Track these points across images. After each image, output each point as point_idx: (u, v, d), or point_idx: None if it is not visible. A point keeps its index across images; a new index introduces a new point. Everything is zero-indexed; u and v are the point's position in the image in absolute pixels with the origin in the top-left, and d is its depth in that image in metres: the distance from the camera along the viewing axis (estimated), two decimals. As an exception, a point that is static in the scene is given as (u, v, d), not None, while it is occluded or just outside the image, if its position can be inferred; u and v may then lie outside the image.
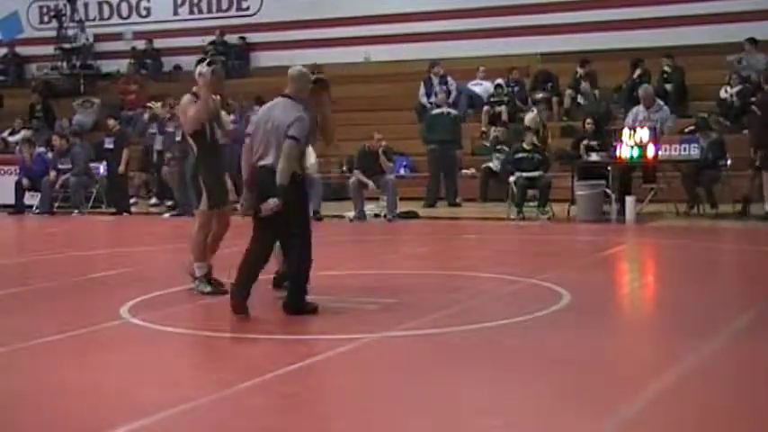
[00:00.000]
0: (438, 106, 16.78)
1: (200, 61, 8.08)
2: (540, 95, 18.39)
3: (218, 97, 8.17)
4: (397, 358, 5.72)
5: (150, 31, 24.14)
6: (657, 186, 14.41)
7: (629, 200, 13.53)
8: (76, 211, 17.21)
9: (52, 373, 5.41)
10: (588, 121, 15.05)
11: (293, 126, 6.67)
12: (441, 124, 16.43)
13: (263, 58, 23.24)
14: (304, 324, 6.72)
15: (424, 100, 18.46)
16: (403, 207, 14.99)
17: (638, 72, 17.40)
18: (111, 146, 17.31)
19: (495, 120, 18.22)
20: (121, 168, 17.16)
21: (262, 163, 6.77)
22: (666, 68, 17.68)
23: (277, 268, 7.66)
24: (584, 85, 18.18)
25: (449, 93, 18.81)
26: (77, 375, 5.38)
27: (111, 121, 17.79)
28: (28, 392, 5.06)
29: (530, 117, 16.22)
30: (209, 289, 7.71)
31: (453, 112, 16.85)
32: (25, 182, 17.58)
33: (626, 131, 13.94)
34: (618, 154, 13.88)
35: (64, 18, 24.31)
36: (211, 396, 4.81)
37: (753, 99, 14.85)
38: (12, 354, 5.88)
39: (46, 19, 25.14)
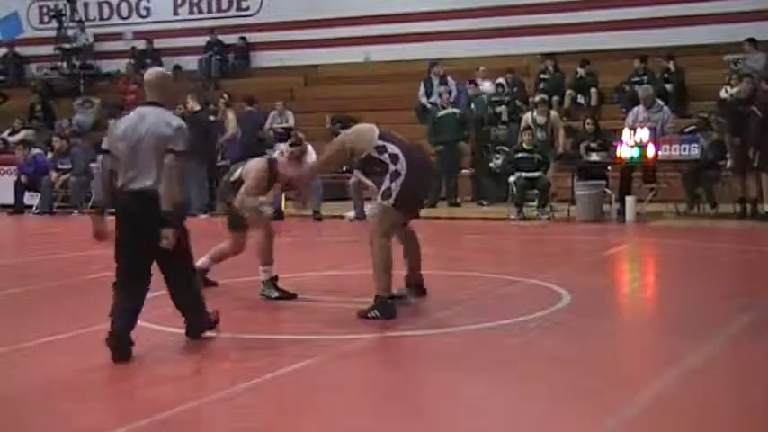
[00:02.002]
0: (443, 107, 16.77)
1: (286, 138, 8.21)
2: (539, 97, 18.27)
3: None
4: (397, 358, 5.72)
5: (150, 31, 24.14)
6: (657, 186, 14.41)
7: (629, 200, 13.53)
8: (76, 211, 17.22)
9: (52, 374, 5.41)
10: (588, 121, 15.05)
11: (177, 139, 5.66)
12: (446, 125, 16.43)
13: (263, 58, 23.25)
14: (304, 324, 6.72)
15: (423, 100, 18.45)
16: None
17: (635, 65, 17.47)
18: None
19: (495, 120, 18.21)
20: None
21: (136, 187, 5.67)
22: (667, 68, 17.68)
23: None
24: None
25: (449, 92, 18.81)
26: (77, 375, 5.37)
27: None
28: (28, 393, 5.06)
29: (554, 116, 16.11)
30: (276, 294, 7.59)
31: (458, 111, 16.85)
32: (23, 179, 17.60)
33: (626, 131, 13.94)
34: (618, 154, 13.89)
35: (64, 18, 24.32)
36: (211, 396, 4.81)
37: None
38: (12, 354, 5.87)
39: (46, 19, 25.15)
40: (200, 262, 7.91)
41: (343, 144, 7.18)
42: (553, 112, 16.05)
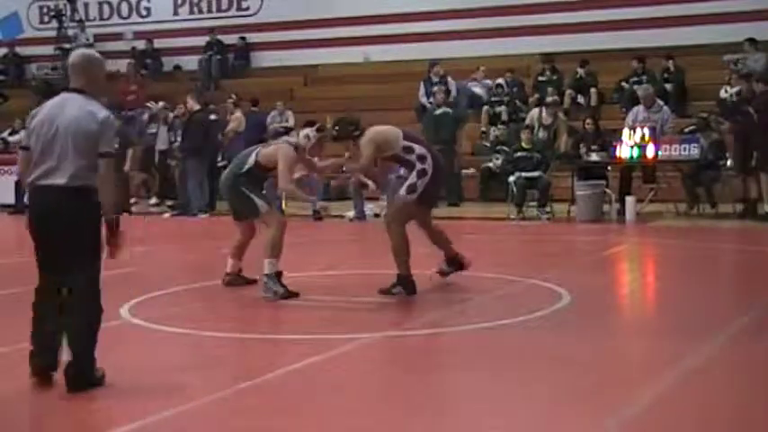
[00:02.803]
0: (438, 107, 16.76)
1: (309, 123, 8.23)
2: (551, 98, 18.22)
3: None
4: (397, 358, 5.72)
5: (150, 31, 24.14)
6: (657, 186, 14.41)
7: (629, 200, 13.53)
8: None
9: (52, 374, 5.40)
10: (588, 121, 15.05)
11: (104, 136, 5.04)
12: (442, 124, 16.42)
13: (263, 58, 23.25)
14: (304, 324, 6.72)
15: (423, 100, 18.44)
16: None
17: (635, 65, 17.49)
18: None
19: (495, 120, 18.22)
20: (126, 168, 17.18)
21: (47, 182, 5.01)
22: (666, 68, 17.68)
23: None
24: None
25: (448, 92, 18.81)
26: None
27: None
28: (28, 393, 5.06)
29: (562, 118, 16.10)
30: (281, 290, 7.52)
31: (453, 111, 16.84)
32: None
33: (626, 131, 13.94)
34: (618, 154, 13.89)
35: (64, 18, 24.31)
36: (211, 396, 4.81)
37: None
38: (12, 354, 5.87)
39: (46, 19, 25.14)
40: (228, 268, 7.96)
41: (375, 143, 7.64)
42: (561, 115, 16.03)
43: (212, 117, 16.72)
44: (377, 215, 14.84)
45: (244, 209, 7.92)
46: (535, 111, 16.11)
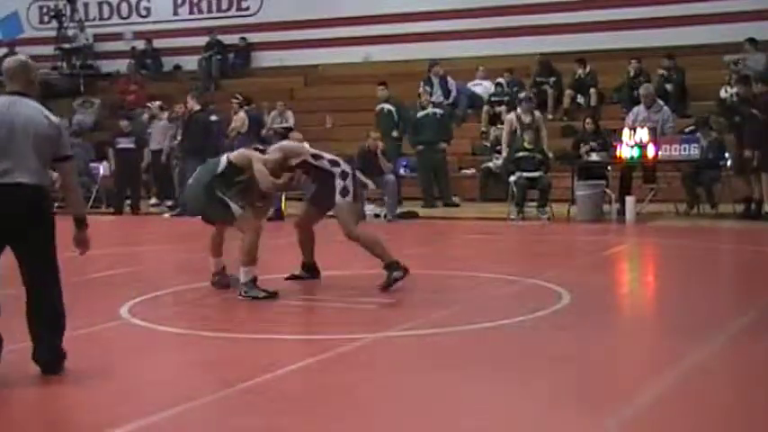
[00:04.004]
0: (422, 107, 16.72)
1: (286, 137, 8.47)
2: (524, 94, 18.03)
3: None
4: (397, 358, 5.72)
5: (150, 31, 24.14)
6: (657, 186, 14.42)
7: (629, 200, 13.53)
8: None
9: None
10: (588, 121, 15.05)
11: (63, 139, 5.36)
12: (426, 125, 16.39)
13: (263, 58, 23.25)
14: (304, 324, 6.73)
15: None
16: (403, 207, 14.99)
17: (634, 65, 17.49)
18: (130, 145, 17.19)
19: (495, 120, 18.22)
20: (144, 165, 17.22)
21: (7, 180, 5.14)
22: (666, 68, 17.68)
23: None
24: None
25: (448, 92, 18.82)
26: (77, 375, 5.37)
27: (125, 122, 17.71)
28: (28, 393, 5.06)
29: (539, 116, 16.06)
30: (262, 294, 7.48)
31: (440, 111, 16.80)
32: None
33: (626, 131, 13.95)
34: (618, 154, 13.89)
35: (64, 18, 24.31)
36: (211, 396, 4.81)
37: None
38: (12, 354, 5.87)
39: (46, 19, 25.14)
40: (213, 268, 7.91)
41: (282, 150, 7.94)
42: (537, 113, 16.01)
43: (214, 117, 16.73)
44: (377, 215, 14.86)
45: (218, 214, 7.75)
46: (511, 114, 15.98)
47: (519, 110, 15.63)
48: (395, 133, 16.48)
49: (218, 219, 7.81)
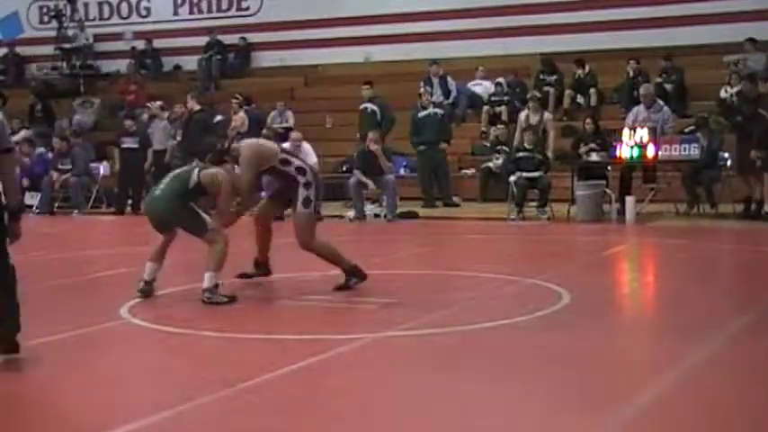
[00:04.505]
0: (423, 108, 16.72)
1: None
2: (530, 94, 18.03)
3: None
4: (397, 358, 5.72)
5: (150, 31, 24.14)
6: (657, 186, 14.42)
7: (629, 200, 13.53)
8: (76, 211, 17.22)
9: (52, 373, 5.41)
10: (588, 121, 15.06)
11: (4, 134, 5.54)
12: (427, 125, 16.39)
13: (263, 58, 23.25)
14: (304, 324, 6.73)
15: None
16: (403, 207, 15.00)
17: (634, 65, 17.49)
18: (135, 145, 17.20)
19: (495, 120, 18.23)
20: (147, 165, 17.20)
21: None
22: (664, 69, 17.69)
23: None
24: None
25: (448, 92, 18.82)
26: (77, 375, 5.37)
27: (129, 122, 17.72)
28: (28, 392, 5.06)
29: (548, 117, 16.07)
30: (225, 299, 7.45)
31: (440, 111, 16.80)
32: (25, 182, 17.55)
33: (626, 131, 13.95)
34: (618, 154, 13.89)
35: (64, 18, 24.31)
36: (211, 396, 4.81)
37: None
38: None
39: (46, 19, 25.14)
40: (147, 276, 7.78)
41: (253, 158, 7.80)
42: (547, 113, 16.01)
43: (219, 117, 16.75)
44: (377, 215, 14.87)
45: (188, 225, 7.64)
46: (523, 114, 16.08)
47: (529, 111, 15.69)
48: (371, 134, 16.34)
49: (190, 230, 7.68)
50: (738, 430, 4.36)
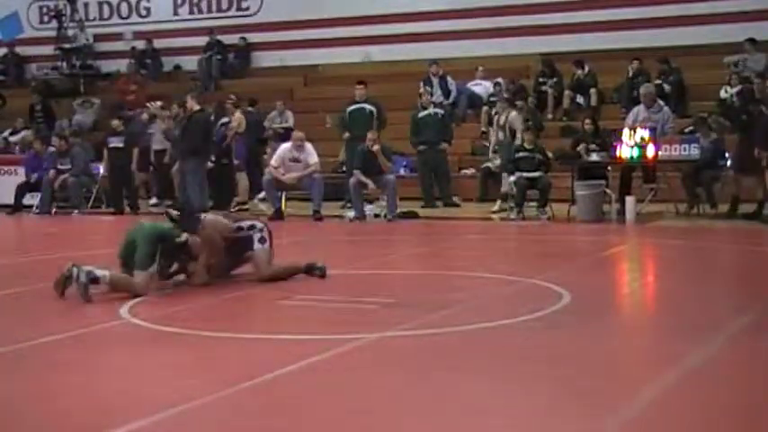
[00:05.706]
0: (423, 108, 16.71)
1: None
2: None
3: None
4: (397, 358, 5.71)
5: (150, 31, 24.16)
6: (657, 186, 14.42)
7: (629, 200, 13.53)
8: (76, 211, 17.22)
9: (52, 373, 5.41)
10: (587, 121, 15.06)
11: None
12: (428, 125, 16.39)
13: (263, 58, 23.26)
14: (304, 324, 6.72)
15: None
16: (403, 207, 15.00)
17: (635, 65, 17.49)
18: (120, 144, 17.27)
19: (494, 120, 18.20)
20: (133, 166, 17.28)
21: None
22: (666, 68, 17.69)
23: None
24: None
25: (448, 92, 18.83)
26: (77, 375, 5.37)
27: (116, 122, 17.78)
28: (28, 392, 5.06)
29: (513, 116, 15.96)
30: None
31: (440, 112, 16.81)
32: (34, 176, 17.64)
33: (626, 131, 13.95)
34: (618, 154, 13.89)
35: (64, 18, 24.34)
36: (211, 396, 4.81)
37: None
38: (12, 354, 5.87)
39: (46, 19, 25.17)
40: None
41: (216, 230, 8.09)
42: (513, 113, 15.91)
43: (224, 119, 16.76)
44: (377, 215, 14.87)
45: (140, 259, 7.63)
46: (513, 113, 15.95)
47: (494, 109, 15.71)
48: (347, 135, 16.28)
49: (136, 259, 7.67)
50: (738, 430, 4.35)
